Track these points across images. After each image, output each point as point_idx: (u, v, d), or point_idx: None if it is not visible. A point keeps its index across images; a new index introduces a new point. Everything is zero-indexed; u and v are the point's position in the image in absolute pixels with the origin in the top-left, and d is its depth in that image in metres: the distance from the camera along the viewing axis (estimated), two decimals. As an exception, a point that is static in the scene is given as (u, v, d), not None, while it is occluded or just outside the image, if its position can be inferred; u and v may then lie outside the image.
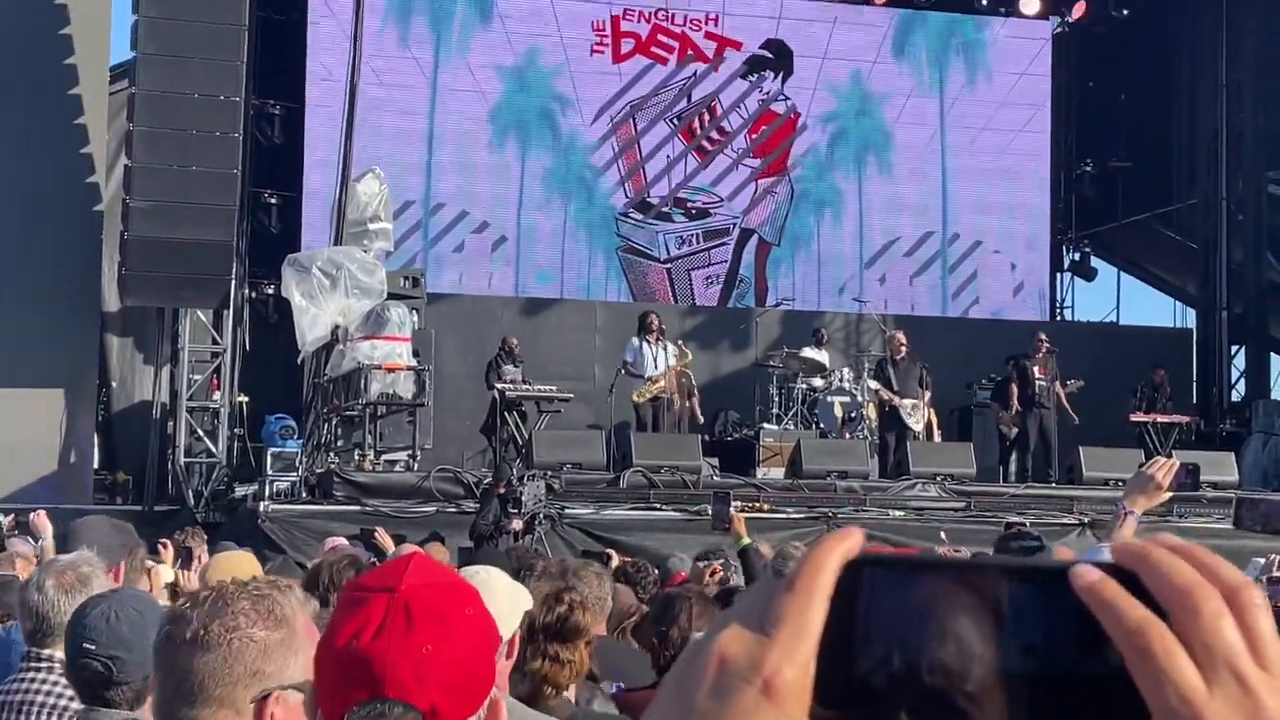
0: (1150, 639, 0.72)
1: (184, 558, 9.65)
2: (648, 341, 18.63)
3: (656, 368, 18.51)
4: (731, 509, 10.50)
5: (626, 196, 23.71)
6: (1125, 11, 24.55)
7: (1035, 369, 18.91)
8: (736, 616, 0.77)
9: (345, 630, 1.84)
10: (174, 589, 7.55)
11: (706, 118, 24.09)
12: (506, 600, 3.38)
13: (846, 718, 0.75)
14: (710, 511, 13.39)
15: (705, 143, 24.06)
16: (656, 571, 8.92)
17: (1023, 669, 0.74)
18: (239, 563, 5.04)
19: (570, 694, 4.10)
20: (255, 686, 2.26)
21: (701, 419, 19.23)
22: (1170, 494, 4.35)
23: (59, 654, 3.67)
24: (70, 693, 3.57)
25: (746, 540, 9.44)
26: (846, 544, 0.78)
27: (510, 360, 18.85)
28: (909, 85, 24.54)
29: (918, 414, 18.72)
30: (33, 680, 3.86)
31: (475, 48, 23.13)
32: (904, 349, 18.96)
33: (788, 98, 24.26)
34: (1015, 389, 18.94)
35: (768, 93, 24.24)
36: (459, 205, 22.94)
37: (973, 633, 0.74)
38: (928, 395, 18.87)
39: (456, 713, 1.82)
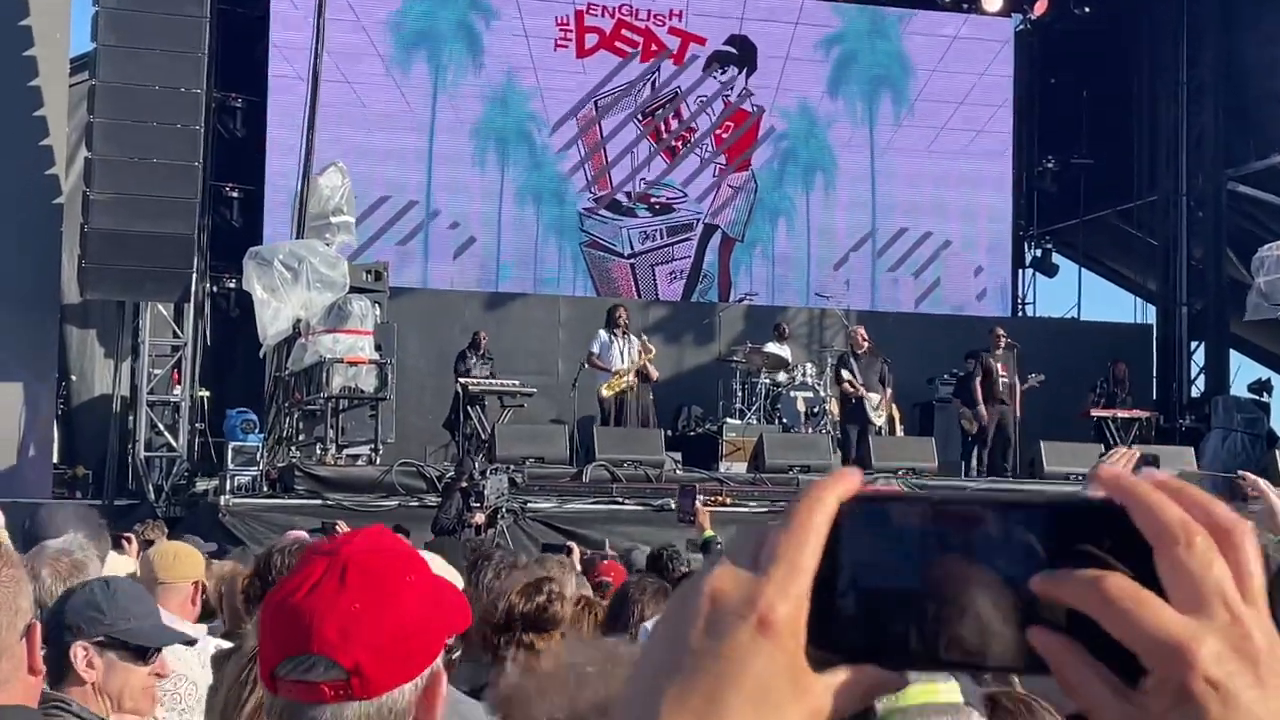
0: (1193, 535, 0.72)
1: (144, 550, 9.63)
2: (615, 335, 18.70)
3: (622, 362, 18.57)
4: (697, 502, 10.57)
5: (591, 192, 23.69)
6: (1087, 9, 24.66)
7: (997, 365, 18.99)
8: (727, 556, 0.76)
9: (286, 587, 1.88)
10: (134, 580, 7.53)
11: (671, 115, 24.08)
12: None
13: (838, 656, 0.75)
14: (675, 504, 13.44)
15: (670, 139, 24.06)
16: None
17: (1009, 580, 0.74)
18: (179, 549, 5.02)
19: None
20: (20, 623, 2.36)
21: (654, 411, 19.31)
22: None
23: None
24: None
25: (710, 533, 9.49)
26: (844, 483, 0.77)
27: (477, 355, 18.83)
28: (874, 81, 24.58)
29: (880, 409, 18.81)
30: None
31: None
32: (866, 344, 19.04)
33: (752, 94, 24.28)
34: (979, 384, 18.98)
35: (733, 89, 24.25)
36: (423, 199, 22.88)
37: (960, 561, 0.74)
38: (889, 390, 18.95)
39: (386, 676, 1.82)
